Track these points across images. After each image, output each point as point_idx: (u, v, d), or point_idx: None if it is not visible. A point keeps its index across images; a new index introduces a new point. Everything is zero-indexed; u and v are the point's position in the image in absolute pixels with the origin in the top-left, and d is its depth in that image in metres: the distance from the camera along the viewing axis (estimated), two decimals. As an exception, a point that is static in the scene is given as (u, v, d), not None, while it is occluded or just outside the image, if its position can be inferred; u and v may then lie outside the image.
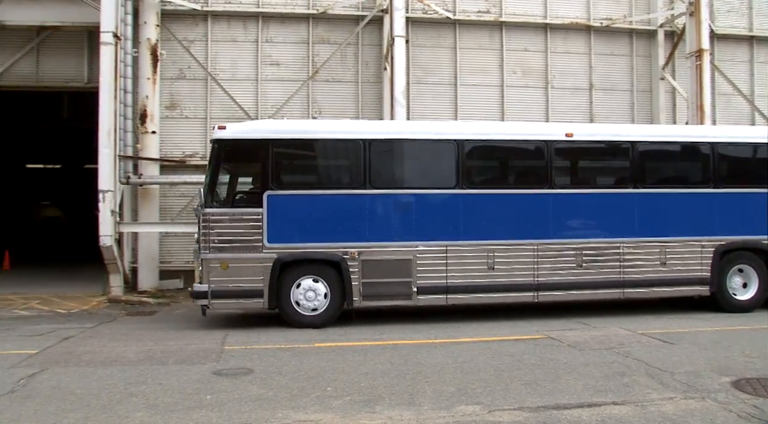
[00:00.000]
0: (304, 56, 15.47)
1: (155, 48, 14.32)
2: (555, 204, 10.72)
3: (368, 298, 10.24)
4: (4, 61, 15.51)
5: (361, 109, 15.46)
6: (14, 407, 5.98)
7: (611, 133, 11.61)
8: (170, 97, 14.98)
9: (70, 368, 7.45)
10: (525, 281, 10.54)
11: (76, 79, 15.65)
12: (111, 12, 13.34)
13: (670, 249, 10.95)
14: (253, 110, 15.09)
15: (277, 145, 10.16)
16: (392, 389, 6.48)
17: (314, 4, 15.46)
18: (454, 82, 15.99)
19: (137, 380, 6.86)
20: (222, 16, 15.34)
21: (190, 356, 8.08)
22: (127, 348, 8.54)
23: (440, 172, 10.74)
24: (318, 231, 10.17)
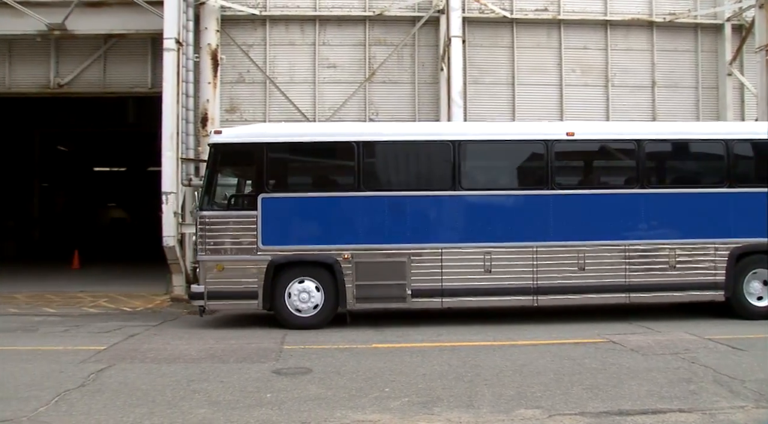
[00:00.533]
0: (361, 58, 15.54)
1: (216, 53, 14.62)
2: (555, 205, 10.45)
3: (362, 300, 10.23)
4: (73, 69, 16.12)
5: (418, 110, 15.43)
6: (85, 400, 6.21)
7: (616, 131, 11.27)
8: (230, 101, 15.29)
9: (135, 365, 7.69)
10: (524, 284, 10.26)
11: (140, 85, 16.14)
12: (173, 19, 13.70)
13: (681, 252, 10.47)
14: (310, 113, 15.25)
15: (271, 148, 10.29)
16: (450, 391, 6.45)
17: (370, 6, 15.51)
18: (511, 81, 15.79)
19: (199, 378, 7.03)
20: (280, 21, 15.55)
21: (250, 354, 8.22)
22: (189, 346, 8.76)
23: (436, 173, 10.66)
24: (311, 233, 10.28)
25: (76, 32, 15.21)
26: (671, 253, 10.43)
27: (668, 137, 11.01)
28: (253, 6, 15.32)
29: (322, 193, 10.37)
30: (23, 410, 5.88)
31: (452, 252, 10.20)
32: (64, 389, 6.54)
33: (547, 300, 10.38)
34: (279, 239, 10.12)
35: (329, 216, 10.30)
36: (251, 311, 10.66)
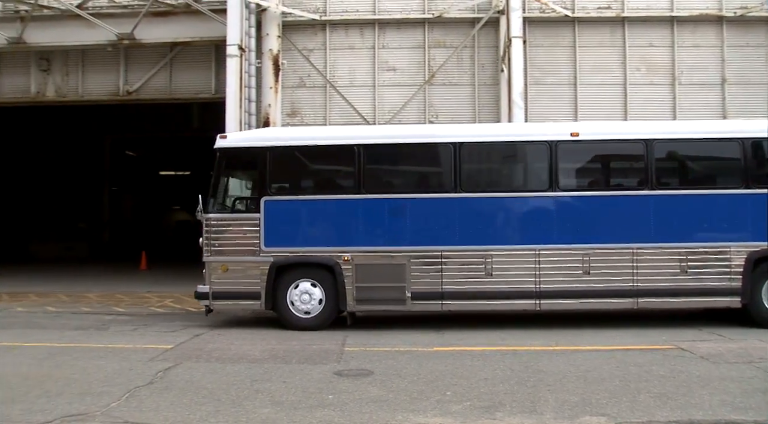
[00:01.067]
0: (420, 61, 15.53)
1: (277, 58, 14.88)
2: (559, 207, 10.21)
3: (362, 302, 10.26)
4: (141, 76, 16.68)
5: (478, 112, 15.32)
6: (153, 397, 6.39)
7: (624, 131, 10.90)
8: (291, 105, 15.51)
9: (201, 364, 7.88)
10: (526, 288, 10.03)
11: (204, 91, 16.57)
12: (236, 26, 14.04)
13: (693, 256, 10.01)
14: (370, 116, 15.33)
15: (273, 152, 10.40)
16: (513, 395, 6.36)
17: (430, 9, 15.48)
18: (573, 81, 15.50)
19: (263, 378, 7.14)
20: (340, 25, 15.70)
21: (311, 355, 8.31)
22: (252, 347, 8.92)
23: (437, 175, 10.66)
24: (313, 235, 10.38)
25: (144, 41, 15.74)
26: (683, 257, 10.00)
27: (680, 137, 10.51)
28: (314, 11, 15.52)
29: (322, 196, 10.50)
30: (96, 404, 6.10)
31: (452, 255, 10.13)
32: (134, 386, 6.75)
33: (549, 304, 10.13)
34: (281, 240, 10.26)
35: (330, 218, 10.44)
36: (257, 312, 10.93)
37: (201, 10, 15.08)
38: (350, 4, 15.60)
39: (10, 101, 17.75)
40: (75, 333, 10.18)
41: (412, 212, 10.30)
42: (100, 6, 15.95)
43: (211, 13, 14.97)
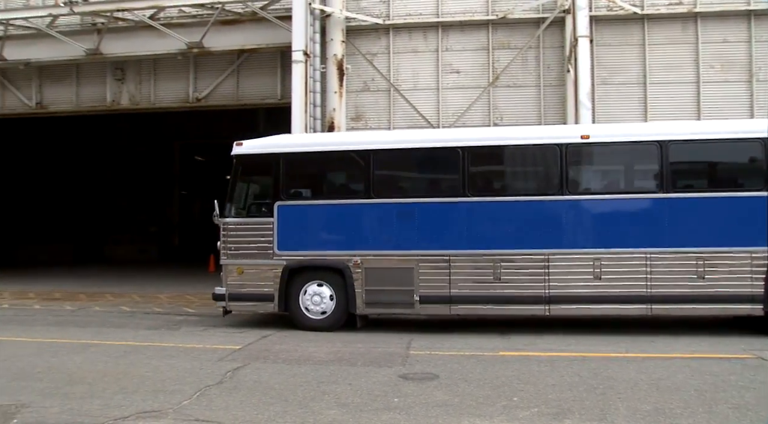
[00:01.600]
0: (484, 63, 15.39)
1: (341, 63, 15.03)
2: (569, 211, 10.00)
3: (371, 305, 10.36)
4: (210, 83, 17.14)
5: (543, 113, 15.06)
6: (223, 396, 6.54)
7: (636, 133, 10.52)
8: (355, 109, 15.62)
9: (268, 364, 8.02)
10: (535, 293, 9.86)
11: (270, 96, 16.88)
12: (301, 32, 14.25)
13: (711, 261, 9.56)
14: (434, 119, 15.29)
15: (286, 158, 10.68)
16: (582, 403, 6.22)
17: (493, 10, 15.32)
18: (642, 81, 15.04)
19: (329, 380, 7.21)
20: (403, 29, 15.72)
21: (377, 358, 8.34)
22: (318, 348, 9.01)
23: (445, 180, 10.65)
24: (324, 239, 10.61)
25: (212, 49, 16.16)
26: (700, 262, 9.59)
27: (696, 138, 10.11)
28: (377, 16, 15.60)
29: (333, 201, 10.74)
30: (169, 402, 6.29)
31: (460, 259, 10.09)
32: (204, 385, 6.92)
33: (559, 309, 9.94)
34: (293, 244, 10.50)
35: (340, 223, 10.62)
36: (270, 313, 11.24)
37: (267, 17, 15.38)
38: (413, 8, 15.60)
39: (88, 110, 18.54)
40: (148, 332, 10.53)
41: (420, 216, 10.34)
42: (171, 16, 16.47)
43: (276, 20, 15.25)
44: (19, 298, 16.00)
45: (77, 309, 13.79)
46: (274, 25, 15.37)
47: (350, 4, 15.54)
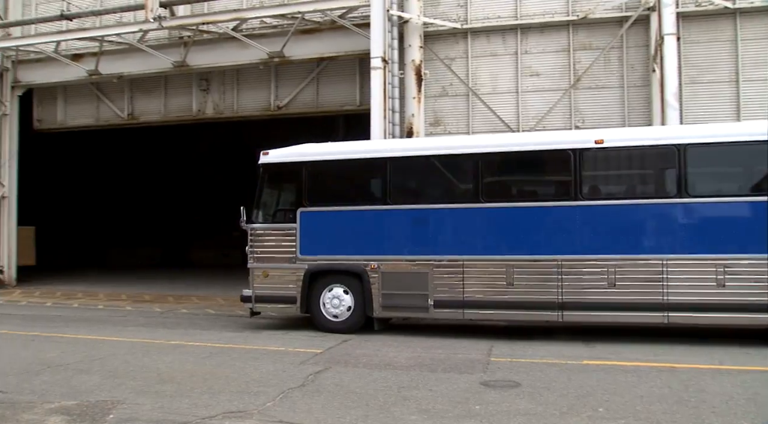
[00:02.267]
0: (565, 64, 15.07)
1: (419, 68, 15.05)
2: (582, 216, 9.81)
3: (387, 309, 10.59)
4: (291, 91, 17.53)
5: (628, 115, 14.59)
6: (305, 399, 6.63)
7: (651, 136, 10.26)
8: (434, 114, 15.61)
9: (349, 368, 8.08)
10: (547, 298, 9.77)
11: (349, 103, 17.10)
12: (379, 39, 14.38)
13: (732, 268, 9.09)
14: (514, 123, 15.09)
15: (309, 167, 11.09)
16: (672, 416, 5.96)
17: (574, 10, 15.00)
18: (734, 78, 14.34)
19: (409, 385, 7.19)
20: (481, 32, 15.60)
21: (457, 364, 8.26)
22: (398, 354, 9.01)
23: (461, 186, 10.78)
24: (343, 244, 10.88)
25: (293, 58, 16.53)
26: (720, 269, 9.17)
27: (715, 141, 9.70)
28: (455, 20, 15.55)
29: (352, 207, 10.98)
30: (254, 403, 6.43)
31: (473, 264, 10.15)
32: (287, 387, 7.04)
33: (572, 316, 9.81)
34: (315, 249, 10.92)
35: (359, 228, 10.85)
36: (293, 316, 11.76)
37: (345, 25, 15.61)
38: (491, 11, 15.47)
39: (175, 119, 19.33)
40: (232, 335, 10.83)
41: (435, 222, 10.53)
42: (253, 28, 16.95)
43: (355, 28, 15.45)
44: (112, 300, 16.81)
45: (166, 311, 14.35)
46: (352, 32, 15.57)
47: (428, 9, 15.55)
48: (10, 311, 14.62)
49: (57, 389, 7.03)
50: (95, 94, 20.03)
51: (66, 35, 18.07)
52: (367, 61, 14.82)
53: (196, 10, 17.45)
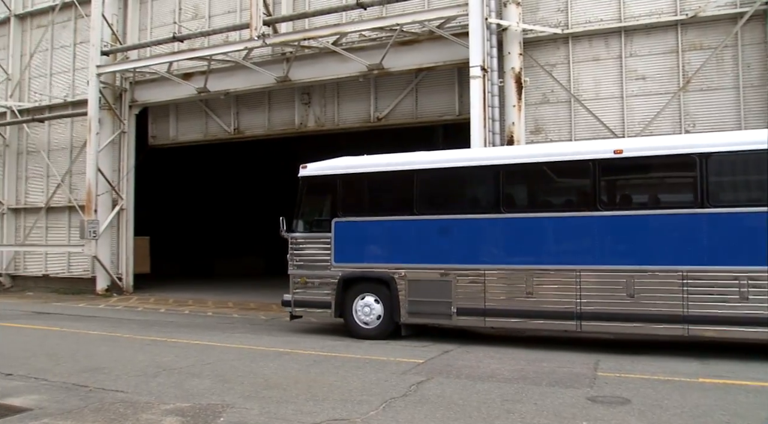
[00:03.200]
0: (673, 66, 14.39)
1: (519, 76, 14.82)
2: (601, 227, 9.84)
3: (413, 315, 10.97)
4: (390, 103, 17.70)
5: (744, 117, 13.72)
6: (408, 409, 6.63)
7: (671, 145, 10.11)
8: (534, 122, 15.32)
9: (451, 380, 8.01)
10: (566, 308, 9.83)
11: (448, 113, 17.06)
12: (478, 48, 14.29)
13: (756, 280, 8.77)
14: (618, 128, 14.55)
15: (342, 179, 11.71)
16: (803, 440, 5.53)
17: (682, 9, 14.31)
18: None
19: (513, 398, 7.05)
20: (583, 37, 15.19)
21: (562, 378, 8.03)
22: (501, 365, 8.86)
23: (482, 197, 11.06)
24: (373, 253, 11.46)
25: (392, 69, 16.69)
26: (743, 281, 8.90)
27: (736, 149, 9.48)
28: (555, 26, 15.23)
29: (382, 217, 11.48)
30: (357, 411, 6.49)
31: (494, 273, 10.38)
32: (389, 397, 7.07)
33: (592, 326, 9.85)
34: (348, 257, 11.47)
35: (387, 237, 11.38)
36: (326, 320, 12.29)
37: (444, 35, 15.62)
38: (593, 14, 15.04)
39: (279, 133, 19.97)
40: (335, 343, 10.99)
41: (459, 231, 10.82)
42: (352, 41, 17.28)
43: (453, 38, 15.43)
44: (220, 307, 17.51)
45: (270, 319, 14.79)
46: (450, 42, 15.56)
47: (527, 15, 15.33)
48: (129, 317, 15.52)
49: (172, 391, 7.38)
50: (204, 110, 21.02)
51: (177, 56, 19.09)
52: (466, 71, 14.76)
53: (298, 27, 18.01)
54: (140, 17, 21.64)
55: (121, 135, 21.34)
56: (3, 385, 7.68)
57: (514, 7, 14.92)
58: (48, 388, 7.52)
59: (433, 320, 11.15)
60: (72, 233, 22.26)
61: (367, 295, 11.37)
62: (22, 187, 23.96)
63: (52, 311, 16.66)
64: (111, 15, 21.01)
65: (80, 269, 22.26)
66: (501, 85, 14.77)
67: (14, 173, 24.12)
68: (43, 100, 23.46)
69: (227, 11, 19.84)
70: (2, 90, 24.25)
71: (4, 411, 6.51)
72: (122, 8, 21.66)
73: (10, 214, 23.99)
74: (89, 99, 20.18)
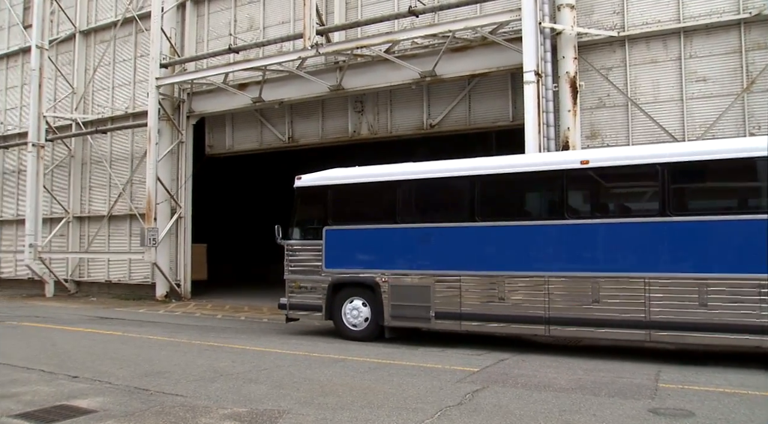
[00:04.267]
0: (736, 67, 13.92)
1: (574, 80, 14.59)
2: (567, 234, 10.29)
3: (395, 318, 11.67)
4: (442, 109, 17.66)
5: (812, 118, 13.21)
6: (463, 418, 6.56)
7: (633, 156, 10.49)
8: (590, 127, 15.04)
9: (507, 389, 7.90)
10: (536, 314, 10.32)
11: (502, 119, 16.91)
12: (532, 52, 14.13)
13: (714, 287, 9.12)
14: (678, 132, 14.16)
15: (332, 189, 12.52)
16: None
17: (745, 8, 13.82)
18: None
19: (571, 409, 6.91)
20: (640, 39, 14.86)
21: (622, 389, 7.83)
22: (558, 375, 8.70)
23: (458, 206, 11.54)
24: (360, 259, 12.11)
25: (444, 76, 16.65)
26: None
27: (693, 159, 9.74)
28: (611, 28, 14.95)
29: (367, 225, 12.18)
30: (412, 419, 6.46)
31: (469, 279, 10.93)
32: (444, 405, 7.01)
33: (558, 331, 10.28)
34: (337, 263, 12.23)
35: (372, 244, 12.06)
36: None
37: (496, 41, 15.50)
38: (651, 16, 14.70)
39: (332, 141, 20.13)
40: (389, 350, 11.00)
41: (435, 239, 11.38)
42: (404, 49, 17.32)
43: (506, 43, 15.30)
44: (275, 313, 17.68)
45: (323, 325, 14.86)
46: (503, 48, 15.44)
47: (581, 19, 15.09)
48: (187, 322, 15.87)
49: (229, 396, 7.49)
50: (258, 119, 21.39)
51: (233, 67, 19.49)
52: (520, 76, 14.62)
53: (350, 36, 18.17)
54: (197, 30, 22.23)
55: (179, 145, 21.90)
56: (70, 387, 7.94)
57: (568, 11, 14.70)
58: (111, 391, 7.74)
59: (413, 323, 11.71)
60: (133, 240, 22.94)
61: (356, 299, 12.10)
62: (86, 197, 24.83)
63: (114, 317, 17.17)
64: (169, 29, 21.64)
65: (140, 276, 22.90)
66: (555, 89, 14.56)
67: (79, 183, 25.02)
68: (105, 112, 24.30)
69: (281, 22, 20.18)
70: (68, 103, 25.23)
71: (71, 412, 6.73)
72: (180, 22, 22.28)
73: (75, 222, 24.88)
74: (149, 110, 20.78)
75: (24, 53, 26.74)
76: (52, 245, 24.88)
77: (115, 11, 24.21)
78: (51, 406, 6.99)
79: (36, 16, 23.75)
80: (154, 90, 20.62)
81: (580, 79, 14.76)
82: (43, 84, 23.80)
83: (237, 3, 21.38)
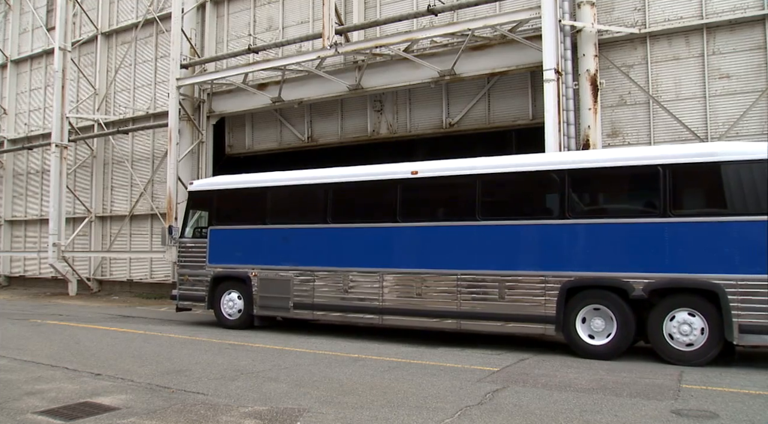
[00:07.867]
0: (761, 63, 13.72)
1: (594, 78, 14.47)
2: (400, 236, 11.86)
3: (263, 308, 13.35)
4: (462, 108, 17.61)
5: (839, 115, 12.98)
6: (483, 418, 6.52)
7: (455, 167, 11.73)
8: (611, 125, 14.92)
9: (528, 388, 7.86)
10: (371, 304, 11.91)
11: (521, 117, 16.82)
12: (552, 50, 14.02)
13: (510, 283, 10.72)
14: (701, 130, 13.99)
15: (216, 194, 14.28)
16: None
17: (770, 3, 13.64)
18: None
19: (592, 409, 6.85)
20: (661, 36, 14.71)
21: (644, 389, 7.75)
22: (579, 375, 8.64)
23: (313, 210, 13.04)
24: (236, 256, 13.70)
25: (463, 75, 16.59)
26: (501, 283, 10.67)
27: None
28: (632, 25, 14.81)
29: (242, 226, 13.87)
30: (432, 419, 6.43)
31: (321, 274, 12.53)
32: (465, 405, 6.98)
33: (389, 320, 11.90)
34: (219, 259, 13.93)
35: (247, 243, 13.62)
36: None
37: (516, 39, 15.42)
38: (672, 12, 14.54)
39: (351, 140, 20.14)
40: (408, 350, 10.99)
41: (294, 238, 12.99)
42: (423, 47, 17.29)
43: (526, 41, 15.21)
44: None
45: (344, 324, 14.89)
46: (522, 46, 15.36)
47: (602, 16, 14.97)
48: (207, 320, 15.96)
49: (250, 394, 7.53)
50: (278, 119, 21.48)
51: (253, 67, 19.59)
52: (539, 74, 14.53)
53: (369, 35, 18.18)
54: (217, 31, 22.38)
55: (200, 145, 22.05)
56: (93, 384, 8.03)
57: (589, 8, 14.58)
58: (134, 388, 7.81)
59: (277, 312, 13.27)
60: (154, 239, 23.16)
61: (232, 291, 13.77)
62: (108, 196, 25.11)
63: (136, 315, 17.34)
64: (189, 29, 21.79)
65: (161, 275, 23.10)
66: (576, 87, 14.45)
67: (101, 183, 25.31)
68: (127, 112, 24.57)
69: (300, 22, 20.26)
70: (90, 104, 25.53)
71: (94, 409, 6.81)
72: (200, 23, 22.44)
73: (97, 221, 25.17)
74: (170, 110, 20.94)
75: (47, 55, 27.13)
76: (75, 245, 25.21)
77: (136, 13, 24.46)
78: (75, 403, 7.08)
79: (59, 19, 24.08)
80: (174, 90, 20.78)
81: (601, 76, 14.63)
82: (66, 85, 24.12)
83: (256, 3, 21.50)
